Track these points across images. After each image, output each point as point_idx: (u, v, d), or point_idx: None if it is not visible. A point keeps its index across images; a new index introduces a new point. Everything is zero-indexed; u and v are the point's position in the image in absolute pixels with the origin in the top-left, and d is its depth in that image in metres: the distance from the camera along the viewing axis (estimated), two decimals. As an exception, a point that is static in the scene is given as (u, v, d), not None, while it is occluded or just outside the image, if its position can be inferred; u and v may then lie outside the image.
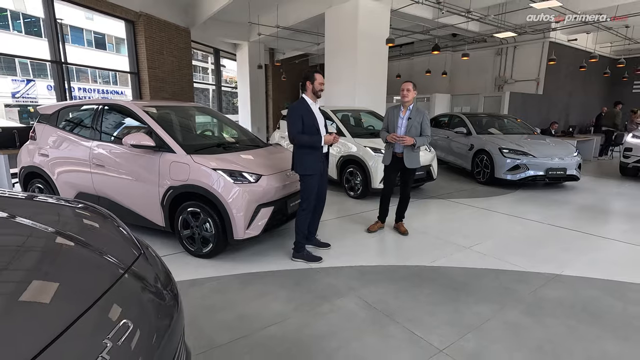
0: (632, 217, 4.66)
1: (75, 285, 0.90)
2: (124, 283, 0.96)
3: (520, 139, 6.72)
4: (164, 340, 0.90)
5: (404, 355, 1.96)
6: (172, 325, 0.96)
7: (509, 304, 2.50)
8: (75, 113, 4.04)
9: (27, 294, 0.81)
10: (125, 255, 1.09)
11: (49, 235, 1.06)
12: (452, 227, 4.18)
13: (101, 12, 9.05)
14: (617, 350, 2.01)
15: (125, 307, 0.91)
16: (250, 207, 3.11)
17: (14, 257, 0.94)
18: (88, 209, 1.38)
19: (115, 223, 1.32)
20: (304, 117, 3.15)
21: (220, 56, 14.50)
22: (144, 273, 1.06)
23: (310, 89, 3.19)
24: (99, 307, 0.83)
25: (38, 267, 0.93)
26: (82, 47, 27.81)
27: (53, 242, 1.04)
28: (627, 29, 11.22)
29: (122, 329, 0.81)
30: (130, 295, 0.97)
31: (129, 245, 1.18)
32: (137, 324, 0.85)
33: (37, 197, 1.44)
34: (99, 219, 1.30)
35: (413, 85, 3.64)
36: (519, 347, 2.03)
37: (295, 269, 3.07)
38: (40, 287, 0.86)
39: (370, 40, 8.20)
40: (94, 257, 1.02)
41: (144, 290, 1.02)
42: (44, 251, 0.99)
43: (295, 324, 2.24)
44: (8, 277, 0.86)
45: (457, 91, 13.74)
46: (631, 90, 15.05)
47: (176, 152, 3.24)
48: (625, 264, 3.20)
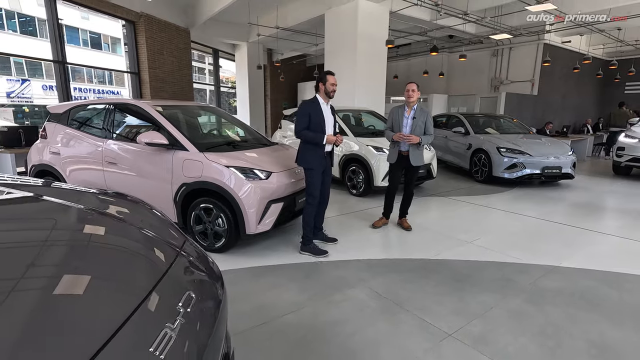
0: (625, 213, 4.83)
1: (147, 261, 1.02)
2: (180, 262, 1.07)
3: (517, 138, 6.89)
4: (220, 312, 1.01)
5: (416, 339, 2.09)
6: (223, 299, 1.07)
7: (511, 293, 2.63)
8: (86, 112, 4.12)
9: (113, 262, 0.95)
10: (175, 238, 1.20)
11: (113, 221, 1.17)
12: (453, 223, 4.32)
13: (103, 13, 9.10)
14: (614, 334, 2.15)
15: (187, 281, 1.03)
16: (262, 203, 3.22)
17: (93, 239, 1.05)
18: (130, 198, 1.49)
19: (156, 210, 1.43)
20: (312, 115, 3.29)
21: (219, 57, 14.55)
22: (192, 254, 1.18)
23: (322, 89, 3.35)
24: (168, 278, 0.94)
25: (115, 245, 1.05)
26: (77, 46, 27.65)
27: (119, 226, 1.15)
28: (619, 31, 11.48)
29: (188, 298, 0.92)
30: (187, 273, 1.08)
31: (174, 230, 1.29)
32: (199, 295, 0.97)
33: (80, 188, 1.54)
34: (143, 207, 1.41)
35: (417, 86, 3.78)
36: (523, 332, 2.16)
37: (305, 262, 3.18)
38: (121, 262, 0.97)
39: (369, 42, 8.34)
40: (154, 239, 1.13)
41: (197, 269, 1.13)
42: (114, 234, 1.10)
43: (310, 312, 2.36)
44: (91, 255, 0.97)
45: (453, 92, 13.93)
46: (623, 91, 15.35)
47: (189, 150, 3.33)
48: (620, 257, 3.35)
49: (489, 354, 1.96)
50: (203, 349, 0.84)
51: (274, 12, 10.47)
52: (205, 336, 0.88)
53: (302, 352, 1.97)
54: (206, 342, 0.87)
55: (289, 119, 7.32)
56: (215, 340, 0.94)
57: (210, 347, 0.88)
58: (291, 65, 16.42)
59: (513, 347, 2.02)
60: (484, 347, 2.01)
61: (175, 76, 10.68)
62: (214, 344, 0.92)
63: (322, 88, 3.35)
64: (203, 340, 0.87)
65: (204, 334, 0.88)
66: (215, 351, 0.93)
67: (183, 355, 0.77)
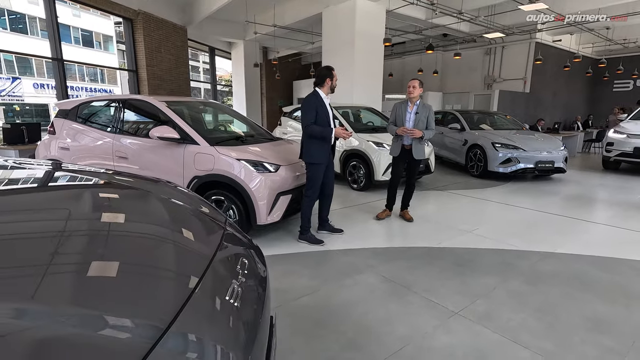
0: (615, 204, 5.05)
1: (204, 234, 1.15)
2: (228, 232, 1.20)
3: (511, 134, 7.10)
4: (267, 272, 1.15)
5: (425, 317, 2.24)
6: (267, 273, 1.21)
7: (511, 276, 2.80)
8: (96, 108, 4.20)
9: (176, 235, 1.07)
10: (220, 216, 1.33)
11: (167, 200, 1.31)
12: (452, 215, 4.49)
13: (101, 10, 9.12)
14: (606, 310, 2.33)
15: (237, 247, 1.17)
16: (272, 195, 3.35)
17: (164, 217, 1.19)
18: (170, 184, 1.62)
19: (192, 193, 1.55)
20: (318, 109, 3.39)
21: (215, 55, 14.58)
22: (233, 227, 1.32)
23: (328, 85, 3.45)
24: (223, 249, 1.07)
25: (174, 221, 1.18)
26: (69, 44, 27.32)
27: (172, 205, 1.28)
28: (608, 31, 11.80)
29: (242, 262, 1.05)
30: (235, 240, 1.21)
31: (215, 210, 1.42)
32: (248, 258, 1.10)
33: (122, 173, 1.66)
34: (182, 191, 1.53)
35: (419, 82, 3.92)
36: (523, 309, 2.33)
37: (314, 251, 3.31)
38: (183, 235, 1.10)
39: (366, 40, 8.49)
40: (204, 215, 1.27)
41: (240, 237, 1.27)
42: (170, 212, 1.23)
43: (324, 295, 2.50)
44: (166, 228, 1.10)
45: (448, 89, 14.17)
46: (612, 89, 15.75)
47: (200, 144, 3.44)
48: (611, 244, 3.55)
49: (492, 328, 2.12)
50: (263, 300, 0.97)
51: (271, 10, 10.56)
52: (262, 290, 1.01)
53: (320, 329, 2.10)
54: (264, 296, 1.00)
55: (288, 116, 7.44)
56: (268, 296, 1.07)
57: (267, 300, 1.01)
58: (287, 64, 16.51)
59: (515, 322, 2.18)
60: (488, 323, 2.17)
61: (173, 74, 10.71)
62: (268, 300, 1.05)
63: (328, 83, 3.43)
64: (261, 294, 1.00)
65: (260, 289, 1.01)
66: (269, 306, 1.06)
67: (251, 302, 0.90)
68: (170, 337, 0.67)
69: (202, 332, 0.74)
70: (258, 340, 0.89)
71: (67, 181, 1.36)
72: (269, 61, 15.84)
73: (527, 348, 1.94)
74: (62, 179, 1.38)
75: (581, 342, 2.00)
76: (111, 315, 0.69)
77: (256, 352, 0.85)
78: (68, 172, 1.50)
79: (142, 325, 0.68)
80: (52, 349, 0.57)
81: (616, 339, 2.03)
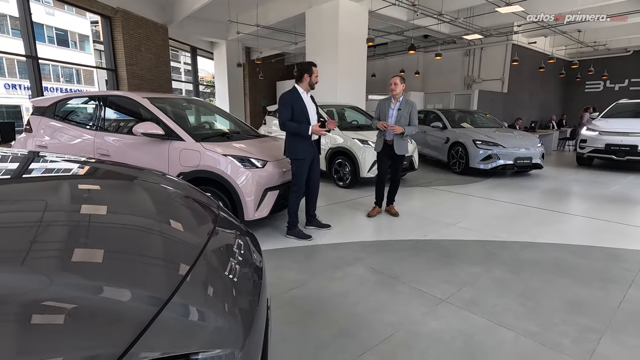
0: (589, 197, 5.28)
1: (200, 216, 1.15)
2: (222, 214, 1.21)
3: (491, 131, 7.31)
4: (261, 252, 1.16)
5: (414, 304, 2.28)
6: (262, 259, 1.21)
7: (495, 265, 2.89)
8: (75, 104, 4.08)
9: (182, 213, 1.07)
10: (212, 202, 1.33)
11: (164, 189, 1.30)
12: (436, 209, 4.58)
13: (78, 7, 8.85)
14: (584, 293, 2.43)
15: (232, 228, 1.17)
16: (259, 190, 3.34)
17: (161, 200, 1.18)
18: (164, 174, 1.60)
19: (181, 180, 1.55)
20: (294, 105, 3.35)
21: (197, 54, 14.39)
22: (225, 211, 1.32)
23: (307, 80, 3.40)
24: (218, 231, 1.07)
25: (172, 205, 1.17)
26: (43, 44, 26.37)
27: (175, 191, 1.28)
28: (580, 33, 12.31)
29: (238, 243, 1.06)
30: (229, 224, 1.21)
31: (207, 197, 1.42)
32: (244, 239, 1.11)
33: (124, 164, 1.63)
34: (174, 179, 1.52)
35: (400, 79, 3.98)
36: (507, 294, 2.41)
37: (302, 246, 3.32)
38: (186, 214, 1.10)
39: (350, 40, 8.57)
40: (202, 198, 1.26)
41: (236, 226, 1.27)
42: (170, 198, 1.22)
43: (314, 287, 2.51)
44: (165, 209, 1.09)
45: (429, 89, 14.44)
46: (583, 90, 16.43)
47: (185, 140, 3.40)
48: (587, 233, 3.71)
49: (479, 313, 2.18)
50: (260, 276, 0.98)
51: (254, 10, 10.51)
52: (259, 269, 1.01)
53: (312, 319, 2.12)
54: (260, 274, 1.00)
55: (273, 115, 7.42)
56: (264, 275, 1.08)
57: (264, 279, 1.02)
58: (270, 64, 16.46)
59: (500, 307, 2.25)
60: (475, 308, 2.24)
61: (154, 73, 10.51)
62: (264, 279, 1.06)
63: (307, 79, 3.38)
64: (258, 272, 1.01)
65: (257, 266, 1.02)
66: (264, 283, 1.07)
67: (249, 277, 0.91)
68: (171, 307, 0.67)
69: (199, 313, 0.74)
70: (256, 324, 0.89)
71: (60, 170, 1.32)
72: (252, 61, 15.76)
73: (511, 330, 2.01)
74: (53, 169, 1.35)
75: (562, 322, 2.09)
76: (115, 287, 0.69)
77: (254, 337, 0.85)
78: (63, 161, 1.47)
79: (145, 297, 0.69)
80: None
81: (594, 318, 2.13)
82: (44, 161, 1.42)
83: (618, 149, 7.15)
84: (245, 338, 0.78)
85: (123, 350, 0.58)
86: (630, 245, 3.35)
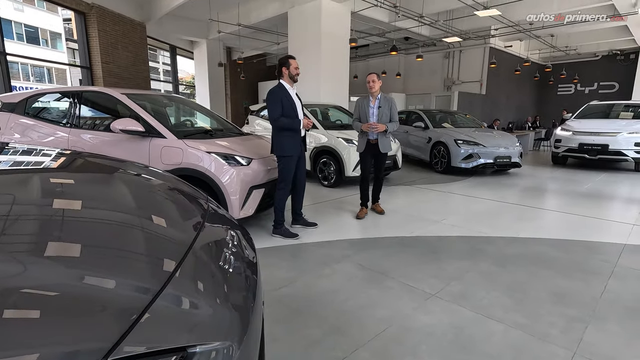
0: (565, 194, 5.46)
1: (188, 210, 1.09)
2: (212, 214, 1.15)
3: (471, 131, 7.46)
4: (253, 243, 1.11)
5: (404, 300, 2.27)
6: (255, 253, 1.16)
7: (481, 259, 2.93)
8: (48, 101, 3.88)
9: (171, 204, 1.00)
10: (201, 195, 1.27)
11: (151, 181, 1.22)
12: (421, 207, 4.62)
13: (50, 1, 8.48)
14: (567, 285, 2.49)
15: (224, 220, 1.11)
16: (244, 188, 3.26)
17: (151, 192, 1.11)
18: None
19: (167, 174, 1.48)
20: (284, 101, 3.31)
21: (176, 54, 14.08)
22: (214, 203, 1.26)
23: (286, 74, 3.34)
24: (207, 226, 1.01)
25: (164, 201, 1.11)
26: (11, 41, 25.21)
27: (165, 185, 1.21)
28: (552, 38, 12.79)
29: (231, 237, 1.00)
30: (220, 218, 1.15)
31: (196, 190, 1.35)
32: (236, 232, 1.05)
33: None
34: (164, 174, 1.45)
35: (377, 75, 3.92)
36: (494, 287, 2.43)
37: (289, 244, 3.27)
38: (175, 205, 1.03)
39: (333, 40, 8.58)
40: (193, 192, 1.20)
41: (228, 220, 1.21)
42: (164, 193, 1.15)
43: (303, 285, 2.46)
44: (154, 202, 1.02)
45: (410, 91, 14.66)
46: (556, 92, 17.09)
47: (167, 137, 3.29)
48: (565, 227, 3.82)
49: (468, 307, 2.19)
50: (255, 272, 0.93)
51: (236, 9, 10.39)
52: (252, 258, 0.97)
53: (301, 317, 2.07)
54: (255, 270, 0.96)
55: (256, 115, 7.33)
56: (259, 271, 1.03)
57: (259, 276, 0.97)
58: (251, 64, 16.30)
59: (488, 300, 2.27)
60: (464, 302, 2.24)
61: (131, 72, 10.19)
62: (259, 275, 1.01)
63: (285, 72, 3.32)
64: (252, 267, 0.96)
65: (250, 256, 0.97)
66: (260, 280, 1.02)
67: (242, 268, 0.86)
68: (163, 298, 0.62)
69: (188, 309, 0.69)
70: (254, 320, 0.84)
71: (41, 163, 1.23)
72: (234, 61, 15.56)
73: (500, 322, 2.03)
74: (41, 161, 1.26)
75: (548, 313, 2.12)
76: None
77: (252, 333, 0.80)
78: (42, 154, 1.37)
79: (135, 288, 0.63)
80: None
81: (578, 308, 2.18)
82: (38, 153, 1.32)
83: (590, 148, 7.44)
84: (243, 332, 0.74)
85: (112, 345, 0.53)
86: (605, 239, 3.47)
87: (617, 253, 3.08)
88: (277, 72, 3.40)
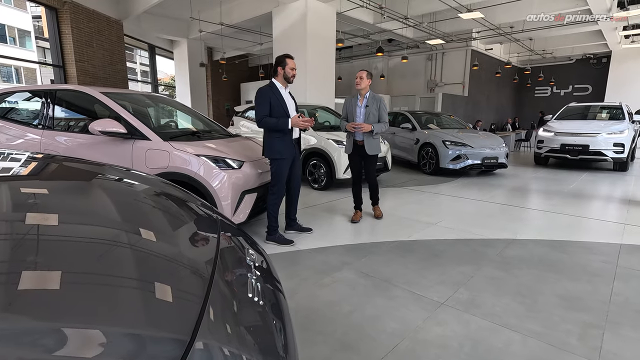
0: (553, 193, 5.51)
1: (206, 224, 0.92)
2: (224, 223, 0.98)
3: (458, 132, 7.49)
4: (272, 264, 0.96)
5: (413, 309, 2.15)
6: (270, 263, 1.01)
7: (484, 263, 2.85)
8: (17, 100, 3.57)
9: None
10: (207, 204, 1.10)
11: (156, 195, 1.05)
12: (414, 209, 4.54)
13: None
14: (574, 288, 2.44)
15: (240, 240, 0.95)
16: (236, 193, 3.08)
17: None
18: None
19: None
20: (272, 101, 3.13)
21: (155, 53, 13.62)
22: (226, 220, 1.09)
23: (281, 74, 3.18)
24: (224, 238, 0.85)
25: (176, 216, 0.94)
26: (-26, 38, 23.84)
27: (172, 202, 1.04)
28: (531, 42, 13.13)
29: (254, 256, 0.85)
30: (234, 237, 0.99)
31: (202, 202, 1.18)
32: (255, 251, 0.90)
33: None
34: (170, 185, 1.28)
35: (367, 73, 3.77)
36: (504, 293, 2.35)
37: (285, 251, 3.10)
38: (183, 230, 0.87)
39: (318, 41, 8.46)
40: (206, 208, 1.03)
41: (242, 232, 1.06)
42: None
43: (305, 296, 2.30)
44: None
45: (394, 92, 14.73)
46: (534, 95, 17.59)
47: (151, 140, 3.06)
48: (560, 228, 3.81)
49: (481, 315, 2.09)
50: (281, 293, 0.78)
51: (218, 7, 10.11)
52: (275, 281, 0.82)
53: (307, 333, 1.91)
54: (280, 288, 0.81)
55: (241, 116, 7.11)
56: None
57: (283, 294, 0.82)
58: (234, 65, 15.99)
59: (499, 307, 2.18)
60: (475, 310, 2.14)
61: (108, 71, 9.74)
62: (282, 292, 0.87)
63: (280, 72, 3.16)
64: (277, 286, 0.81)
65: (273, 279, 0.82)
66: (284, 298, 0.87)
67: (272, 297, 0.71)
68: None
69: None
70: None
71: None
72: (215, 62, 15.23)
73: (516, 331, 1.93)
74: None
75: (562, 320, 2.05)
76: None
77: None
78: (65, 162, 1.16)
79: None
80: None
81: (591, 314, 2.11)
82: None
83: (572, 148, 7.61)
84: None
85: None
86: (601, 239, 3.48)
87: (615, 253, 3.07)
88: (273, 70, 3.24)
